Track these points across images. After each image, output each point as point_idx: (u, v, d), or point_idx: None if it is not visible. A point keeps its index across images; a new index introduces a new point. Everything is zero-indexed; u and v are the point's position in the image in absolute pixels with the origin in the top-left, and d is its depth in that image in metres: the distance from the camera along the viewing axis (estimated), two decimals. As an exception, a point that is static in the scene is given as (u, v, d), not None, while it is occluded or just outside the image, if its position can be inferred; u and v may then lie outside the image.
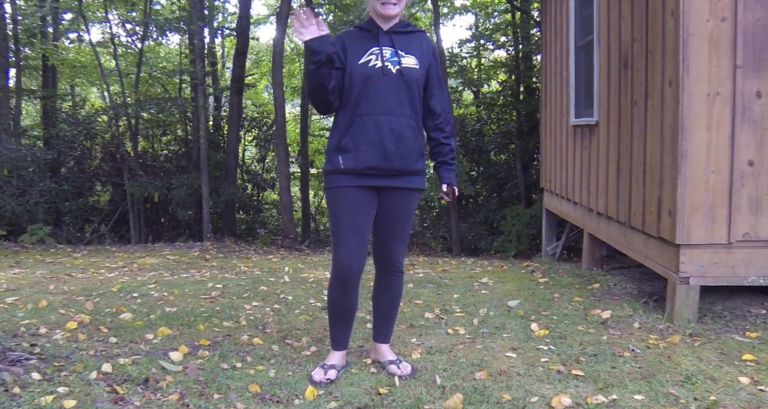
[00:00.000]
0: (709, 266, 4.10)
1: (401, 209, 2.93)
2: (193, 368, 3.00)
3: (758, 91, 4.02)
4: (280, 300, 4.72)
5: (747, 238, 4.08)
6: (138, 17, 13.61)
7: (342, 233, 2.85)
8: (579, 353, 3.36)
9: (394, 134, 2.80)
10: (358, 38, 2.91)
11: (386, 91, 2.81)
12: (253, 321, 4.03)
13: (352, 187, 2.84)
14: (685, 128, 4.02)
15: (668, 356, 3.32)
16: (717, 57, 4.00)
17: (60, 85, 16.01)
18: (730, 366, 3.17)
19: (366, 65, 2.82)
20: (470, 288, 5.17)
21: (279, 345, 3.47)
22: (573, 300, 4.68)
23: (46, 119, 14.44)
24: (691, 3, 3.98)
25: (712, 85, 4.01)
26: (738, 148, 4.04)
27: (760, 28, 3.99)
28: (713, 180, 4.05)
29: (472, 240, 11.76)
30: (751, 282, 4.12)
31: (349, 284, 2.90)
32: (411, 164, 2.88)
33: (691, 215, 4.06)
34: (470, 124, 13.81)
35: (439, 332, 3.78)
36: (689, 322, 4.03)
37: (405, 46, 2.89)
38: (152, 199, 12.20)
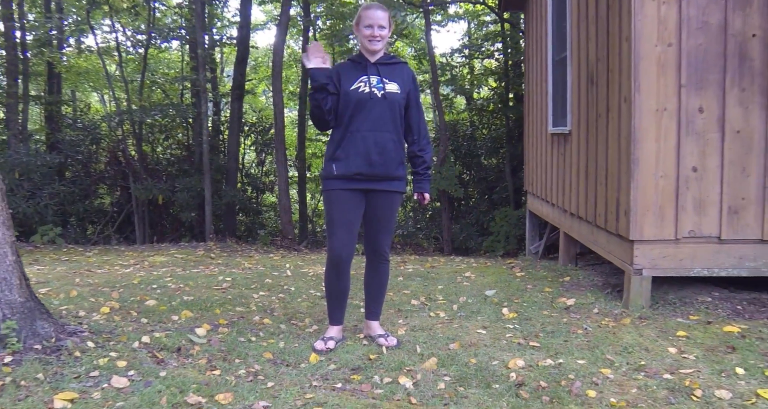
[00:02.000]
0: (659, 259, 4.76)
1: (385, 209, 3.60)
2: (216, 340, 3.67)
3: (700, 106, 4.69)
4: (284, 290, 5.38)
5: (692, 234, 4.74)
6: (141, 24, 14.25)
7: (335, 227, 3.53)
8: (539, 331, 4.02)
9: (378, 146, 3.47)
10: (350, 68, 3.59)
11: (372, 112, 3.48)
12: (261, 307, 4.69)
13: (344, 190, 3.52)
14: (637, 139, 4.68)
15: (614, 333, 3.99)
16: (664, 77, 4.67)
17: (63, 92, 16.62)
18: (665, 340, 3.83)
19: (357, 91, 3.50)
20: (453, 281, 5.84)
21: (286, 324, 4.13)
22: (543, 290, 5.34)
23: (51, 124, 15.08)
24: (642, 30, 4.66)
25: (660, 101, 4.68)
26: (683, 156, 4.71)
27: (701, 53, 4.66)
28: (662, 184, 4.71)
29: (463, 240, 12.43)
30: (697, 273, 4.78)
31: (341, 268, 3.58)
32: (392, 171, 3.55)
33: (643, 215, 4.72)
34: (462, 130, 14.50)
35: (422, 315, 4.44)
36: (642, 308, 4.69)
37: (388, 74, 3.57)
38: (156, 201, 12.84)
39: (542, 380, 3.06)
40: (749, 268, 4.76)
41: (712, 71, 4.66)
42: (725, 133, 4.69)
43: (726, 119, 4.68)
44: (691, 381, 3.08)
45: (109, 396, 2.79)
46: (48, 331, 3.39)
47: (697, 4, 4.64)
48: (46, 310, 3.52)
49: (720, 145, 4.70)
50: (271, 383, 3.01)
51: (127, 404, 2.70)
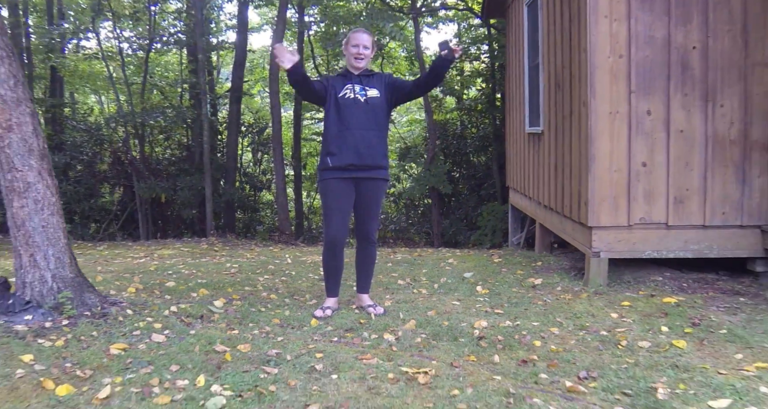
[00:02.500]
0: (614, 243, 5.54)
1: (372, 195, 4.36)
2: (232, 310, 4.44)
3: (648, 110, 5.47)
4: (285, 274, 6.15)
5: (643, 221, 5.52)
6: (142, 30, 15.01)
7: (331, 214, 4.32)
8: (505, 302, 4.80)
9: (365, 141, 4.25)
10: (339, 79, 4.38)
11: (358, 113, 4.27)
12: (267, 286, 5.46)
13: (338, 179, 4.29)
14: (593, 138, 5.46)
15: (569, 304, 4.76)
16: (616, 84, 5.45)
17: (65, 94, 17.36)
18: (610, 309, 4.61)
19: (344, 97, 4.28)
20: (437, 266, 6.61)
21: (290, 299, 4.90)
22: (516, 273, 6.12)
23: (54, 126, 15.81)
24: (596, 43, 5.43)
25: (613, 105, 5.45)
26: (634, 153, 5.48)
27: (648, 63, 5.44)
28: (616, 177, 5.49)
29: (452, 235, 13.22)
30: (648, 255, 5.56)
31: (336, 249, 4.35)
32: (378, 161, 4.33)
33: (600, 204, 5.50)
34: (452, 129, 15.28)
35: (406, 292, 5.22)
36: (600, 285, 5.46)
37: (369, 83, 4.35)
38: (159, 199, 13.59)
39: (500, 335, 3.84)
40: (693, 250, 5.54)
41: (658, 79, 5.44)
42: (670, 132, 5.46)
43: (671, 121, 5.46)
44: (621, 336, 3.86)
45: (152, 347, 3.55)
46: (94, 301, 4.16)
47: (644, 21, 5.42)
48: (90, 284, 4.29)
49: (666, 143, 5.47)
50: (280, 338, 3.78)
51: (168, 351, 3.46)
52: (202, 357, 3.36)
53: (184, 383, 2.98)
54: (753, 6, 5.41)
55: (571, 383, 2.97)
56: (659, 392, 2.85)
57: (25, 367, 3.17)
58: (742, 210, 5.51)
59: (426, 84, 4.42)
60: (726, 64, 5.44)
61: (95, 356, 3.34)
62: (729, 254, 5.56)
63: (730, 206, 5.50)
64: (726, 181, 5.49)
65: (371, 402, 2.76)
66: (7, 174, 3.97)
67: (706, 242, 5.53)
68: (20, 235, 4.02)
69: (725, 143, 5.48)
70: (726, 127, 5.46)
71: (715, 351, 3.56)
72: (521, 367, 3.27)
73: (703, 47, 5.43)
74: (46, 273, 4.04)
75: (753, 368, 3.23)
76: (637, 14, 5.42)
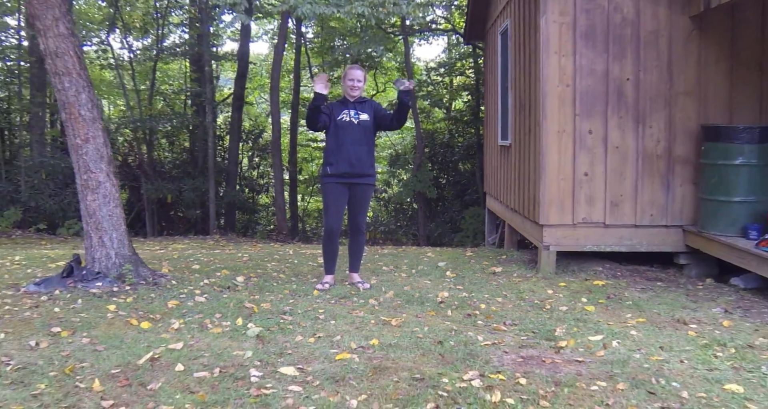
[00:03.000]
0: (561, 238, 6.89)
1: (362, 196, 5.70)
2: (251, 283, 5.77)
3: (590, 129, 6.82)
4: (289, 262, 7.47)
5: (585, 221, 6.87)
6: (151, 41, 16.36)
7: (329, 208, 5.66)
8: (467, 283, 6.14)
9: (356, 155, 5.59)
10: (338, 105, 5.72)
11: (352, 133, 5.61)
12: (275, 269, 6.79)
13: (335, 184, 5.63)
14: (544, 152, 6.82)
15: (517, 284, 6.11)
16: (564, 108, 6.81)
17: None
18: (548, 288, 5.95)
19: (341, 119, 5.62)
20: (417, 258, 7.96)
21: (295, 278, 6.24)
22: (482, 263, 7.46)
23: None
24: (548, 74, 6.79)
25: (561, 125, 6.81)
26: (578, 165, 6.84)
27: (590, 91, 6.80)
28: (563, 184, 6.84)
29: (437, 237, 14.58)
30: (588, 249, 6.91)
31: (333, 236, 5.70)
32: (366, 170, 5.66)
33: (549, 206, 6.85)
34: (440, 138, 16.66)
35: (389, 275, 6.56)
36: (548, 273, 6.80)
37: (361, 109, 5.70)
38: (165, 200, 14.92)
39: (456, 301, 5.18)
40: (627, 245, 6.89)
41: (598, 104, 6.80)
42: (608, 148, 6.82)
43: (608, 139, 6.82)
44: (548, 303, 5.21)
45: (197, 304, 4.89)
46: (146, 274, 5.50)
47: (587, 57, 6.79)
48: (143, 261, 5.63)
49: (604, 157, 6.83)
50: (291, 301, 5.12)
51: (210, 306, 4.80)
52: (236, 310, 4.70)
53: (227, 323, 4.32)
54: (676, 46, 6.78)
55: (497, 325, 4.33)
56: (557, 332, 4.21)
57: (112, 312, 4.51)
58: (666, 213, 6.87)
59: (397, 121, 5.79)
60: (654, 93, 6.81)
61: (158, 308, 4.68)
62: (656, 249, 6.92)
63: (656, 209, 6.86)
64: (653, 189, 6.85)
65: (358, 333, 4.11)
66: (83, 175, 5.30)
67: (637, 238, 6.88)
68: (92, 221, 5.35)
69: (653, 158, 6.84)
70: (653, 145, 6.82)
71: (613, 313, 4.92)
72: (466, 318, 4.62)
73: (635, 79, 6.80)
74: (111, 251, 5.37)
75: (634, 322, 4.59)
76: (581, 51, 6.78)
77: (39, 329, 4.18)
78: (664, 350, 3.90)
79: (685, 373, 3.46)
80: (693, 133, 6.78)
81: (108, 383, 3.20)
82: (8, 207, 13.30)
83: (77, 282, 5.26)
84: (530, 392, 3.09)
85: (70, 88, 5.17)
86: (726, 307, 5.24)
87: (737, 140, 6.21)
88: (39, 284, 5.35)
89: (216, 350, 3.74)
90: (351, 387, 3.15)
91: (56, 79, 5.19)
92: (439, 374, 3.30)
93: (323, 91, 5.54)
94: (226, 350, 3.74)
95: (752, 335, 4.31)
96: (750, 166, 6.20)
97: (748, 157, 6.17)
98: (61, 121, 5.41)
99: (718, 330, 4.46)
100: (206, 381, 3.23)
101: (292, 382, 3.22)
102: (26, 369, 3.40)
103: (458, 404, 2.91)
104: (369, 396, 3.04)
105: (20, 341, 3.91)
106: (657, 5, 6.75)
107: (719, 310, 5.16)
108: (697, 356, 3.79)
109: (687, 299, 5.57)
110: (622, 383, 3.24)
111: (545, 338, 4.12)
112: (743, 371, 3.53)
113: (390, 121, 5.76)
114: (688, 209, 6.82)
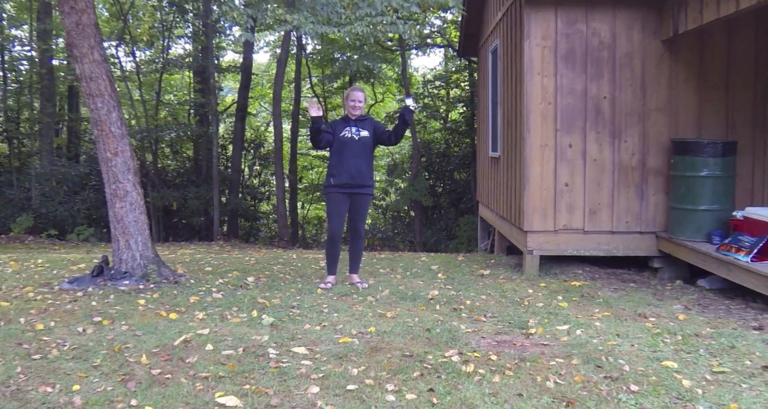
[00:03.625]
0: (544, 243, 7.61)
1: (361, 204, 6.42)
2: (261, 283, 6.49)
3: (570, 143, 7.56)
4: (293, 265, 8.19)
5: (565, 227, 7.60)
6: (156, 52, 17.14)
7: (332, 215, 6.37)
8: (456, 283, 6.86)
9: (356, 168, 6.31)
10: (340, 122, 6.45)
11: (353, 148, 6.33)
12: (281, 271, 7.50)
13: (338, 193, 6.34)
14: (528, 164, 7.55)
15: (502, 285, 6.83)
16: (546, 124, 7.55)
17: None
18: (530, 287, 6.66)
19: (344, 136, 6.35)
20: (411, 262, 8.67)
21: (300, 278, 6.95)
22: (472, 267, 8.18)
23: (71, 138, 17.89)
24: (531, 93, 7.53)
25: (543, 140, 7.54)
26: (559, 176, 7.57)
27: (570, 108, 7.54)
28: (545, 194, 7.57)
29: (433, 243, 15.31)
30: (569, 253, 7.63)
31: (335, 240, 6.42)
32: (365, 181, 6.37)
33: (533, 214, 7.58)
34: (436, 148, 17.43)
35: (385, 276, 7.27)
36: (532, 275, 7.52)
37: (362, 126, 6.43)
38: (170, 207, 15.65)
39: (444, 298, 5.91)
40: (604, 249, 7.62)
41: (577, 120, 7.54)
42: (586, 160, 7.56)
43: (587, 152, 7.55)
44: (527, 301, 5.93)
45: (215, 300, 5.61)
46: (168, 273, 6.22)
47: (567, 77, 7.53)
48: (164, 262, 6.34)
49: (583, 168, 7.56)
50: (298, 297, 5.84)
51: (227, 301, 5.52)
52: (250, 304, 5.43)
53: (244, 315, 5.05)
54: (649, 67, 7.53)
55: (479, 317, 5.06)
56: (530, 322, 4.93)
57: (143, 306, 5.25)
58: (641, 220, 7.59)
59: (395, 138, 6.50)
60: (628, 109, 7.54)
61: (182, 302, 5.41)
62: (632, 254, 7.64)
63: (632, 216, 7.58)
64: (629, 198, 7.58)
65: (358, 323, 4.84)
66: (113, 185, 6.03)
67: (614, 244, 7.60)
68: (119, 226, 6.08)
69: (628, 169, 7.57)
70: (629, 157, 7.56)
71: (583, 308, 5.64)
72: (452, 311, 5.35)
73: (611, 97, 7.54)
74: (136, 253, 6.10)
75: (599, 315, 5.31)
76: (562, 72, 7.52)
77: (82, 318, 4.90)
78: (620, 337, 4.62)
79: (632, 353, 4.18)
80: (665, 146, 7.51)
81: (152, 358, 3.92)
82: (20, 214, 14.04)
83: (107, 280, 5.99)
84: (499, 365, 3.81)
85: (102, 108, 5.90)
86: (686, 304, 5.96)
87: (703, 154, 6.94)
88: (72, 282, 6.08)
89: (237, 335, 4.46)
90: (352, 362, 3.88)
91: (90, 100, 5.93)
92: (425, 353, 4.03)
93: (318, 113, 6.26)
94: (245, 335, 4.47)
95: (701, 327, 5.03)
96: (714, 177, 6.93)
97: (712, 169, 6.91)
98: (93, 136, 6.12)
99: (673, 323, 5.18)
100: (233, 357, 3.95)
101: (304, 358, 3.94)
102: (81, 349, 4.12)
103: (438, 373, 3.63)
104: (367, 368, 3.76)
105: (69, 328, 4.63)
106: (631, 30, 7.50)
107: (679, 306, 5.88)
108: (647, 341, 4.52)
109: (654, 297, 6.28)
110: (577, 359, 3.97)
111: (519, 327, 4.85)
112: (682, 353, 4.25)
113: (388, 138, 6.49)
114: (661, 216, 7.54)
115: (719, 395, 3.44)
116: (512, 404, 3.26)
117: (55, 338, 4.37)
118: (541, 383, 3.56)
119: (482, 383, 3.52)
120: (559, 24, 7.51)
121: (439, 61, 20.91)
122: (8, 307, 5.28)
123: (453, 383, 3.52)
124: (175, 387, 3.42)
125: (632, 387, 3.51)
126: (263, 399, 3.28)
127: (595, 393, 3.43)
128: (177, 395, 3.32)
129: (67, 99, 18.33)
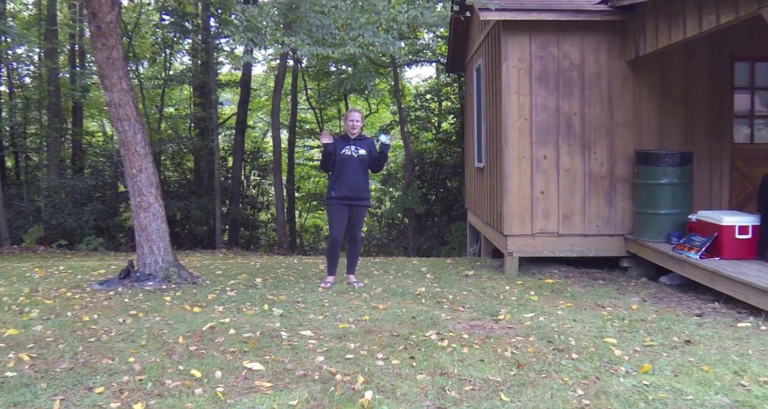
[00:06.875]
0: (522, 246, 8.58)
1: (359, 214, 7.39)
2: (268, 284, 7.46)
3: (544, 155, 8.54)
4: (296, 269, 9.14)
5: (542, 231, 8.57)
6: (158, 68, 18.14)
7: (333, 223, 7.33)
8: (443, 281, 7.82)
9: (354, 182, 7.27)
10: (341, 140, 7.42)
11: (352, 165, 7.29)
12: (285, 274, 8.46)
13: (338, 204, 7.29)
14: (507, 175, 8.52)
15: (483, 283, 7.78)
16: (522, 138, 8.53)
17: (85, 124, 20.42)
18: (507, 285, 7.62)
19: (344, 154, 7.31)
20: (403, 265, 9.64)
21: (303, 280, 7.91)
22: (458, 268, 9.15)
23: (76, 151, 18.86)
24: (509, 110, 8.51)
25: (520, 152, 8.52)
26: (535, 185, 8.55)
27: (544, 124, 8.52)
28: (523, 201, 8.54)
29: (426, 249, 16.27)
30: (545, 255, 8.60)
31: (336, 245, 7.39)
32: (362, 194, 7.33)
33: (512, 219, 8.55)
34: (429, 157, 18.43)
35: (379, 277, 8.23)
36: (512, 275, 8.48)
37: (360, 144, 7.40)
38: (173, 217, 16.60)
39: (430, 294, 6.87)
40: (577, 251, 8.58)
41: (551, 134, 8.52)
42: (560, 171, 8.53)
43: (560, 163, 8.53)
44: (502, 295, 6.89)
45: (230, 297, 6.57)
46: (186, 275, 7.18)
47: (541, 96, 8.51)
48: (183, 266, 7.31)
49: (557, 178, 8.54)
50: (302, 295, 6.80)
51: (240, 298, 6.48)
52: (261, 300, 6.39)
53: (257, 308, 6.01)
54: (615, 86, 8.51)
55: (457, 307, 6.03)
56: (500, 313, 5.90)
57: (169, 302, 6.21)
58: (610, 224, 8.57)
59: (376, 167, 7.55)
60: (597, 124, 8.52)
61: (202, 299, 6.38)
62: (602, 254, 8.61)
63: (602, 220, 8.56)
64: (599, 204, 8.55)
65: (354, 313, 5.81)
66: (137, 197, 6.99)
67: (586, 245, 8.57)
68: (143, 234, 7.04)
69: (598, 178, 8.54)
70: (598, 167, 8.54)
71: (550, 301, 6.61)
72: (436, 304, 6.32)
73: (581, 113, 8.52)
74: (158, 258, 7.06)
75: (564, 306, 6.28)
76: (536, 91, 8.51)
77: (120, 312, 5.87)
78: (576, 322, 5.59)
79: (581, 333, 5.15)
80: (630, 157, 8.49)
81: (187, 339, 4.88)
82: (31, 225, 14.99)
83: (133, 282, 6.95)
84: (468, 341, 4.78)
85: (129, 130, 6.88)
86: (643, 297, 6.93)
87: (662, 163, 7.92)
88: (102, 284, 7.05)
89: (254, 323, 5.43)
90: (350, 340, 4.85)
91: (118, 124, 6.90)
92: (409, 333, 5.00)
93: (329, 141, 7.25)
94: (260, 322, 5.43)
95: (649, 314, 6.00)
96: (673, 184, 7.91)
97: (671, 177, 7.89)
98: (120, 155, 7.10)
99: (626, 311, 6.15)
100: (252, 338, 4.91)
101: (311, 338, 4.91)
102: (126, 334, 5.08)
103: (419, 347, 4.61)
104: (362, 344, 4.73)
105: (110, 319, 5.60)
106: (598, 53, 8.50)
107: (637, 299, 6.85)
108: (597, 324, 5.49)
109: (617, 292, 7.25)
110: (533, 337, 4.94)
111: (490, 314, 5.82)
112: (624, 333, 5.22)
113: (371, 164, 7.48)
114: (628, 220, 8.52)
115: (641, 360, 4.42)
116: (475, 366, 4.23)
117: (101, 327, 5.33)
118: (501, 353, 4.53)
119: (453, 353, 4.50)
120: (533, 47, 8.50)
121: (431, 72, 21.98)
122: (53, 304, 6.26)
123: (430, 353, 4.50)
124: (210, 358, 4.40)
125: (573, 355, 4.49)
126: (281, 365, 4.25)
127: (542, 360, 4.40)
128: (213, 363, 4.29)
129: (71, 114, 19.30)
